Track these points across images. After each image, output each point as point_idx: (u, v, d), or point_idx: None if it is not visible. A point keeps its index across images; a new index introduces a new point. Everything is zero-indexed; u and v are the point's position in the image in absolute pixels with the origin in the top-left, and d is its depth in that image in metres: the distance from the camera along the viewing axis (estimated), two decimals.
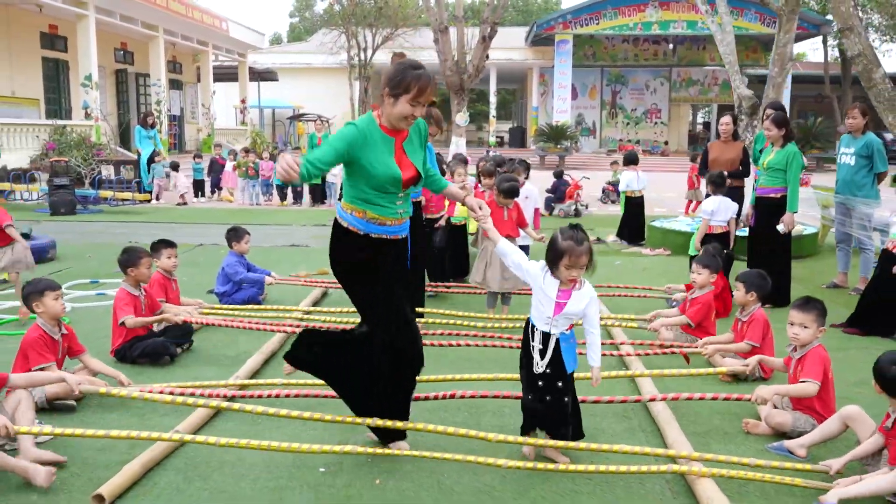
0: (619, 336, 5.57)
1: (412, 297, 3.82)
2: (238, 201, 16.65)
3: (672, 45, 35.04)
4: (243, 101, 30.78)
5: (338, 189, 10.68)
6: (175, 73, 27.80)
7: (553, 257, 3.36)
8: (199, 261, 8.88)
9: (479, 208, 3.52)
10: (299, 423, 3.89)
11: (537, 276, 3.46)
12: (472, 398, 4.13)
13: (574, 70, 33.96)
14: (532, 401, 3.49)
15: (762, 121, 7.28)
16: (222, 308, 6.30)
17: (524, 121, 41.66)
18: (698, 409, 4.24)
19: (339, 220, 3.43)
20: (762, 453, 3.67)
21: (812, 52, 48.56)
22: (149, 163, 16.66)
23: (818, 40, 35.41)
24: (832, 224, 8.28)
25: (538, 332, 3.44)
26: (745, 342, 4.80)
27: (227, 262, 6.75)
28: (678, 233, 9.92)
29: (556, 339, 3.41)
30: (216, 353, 5.31)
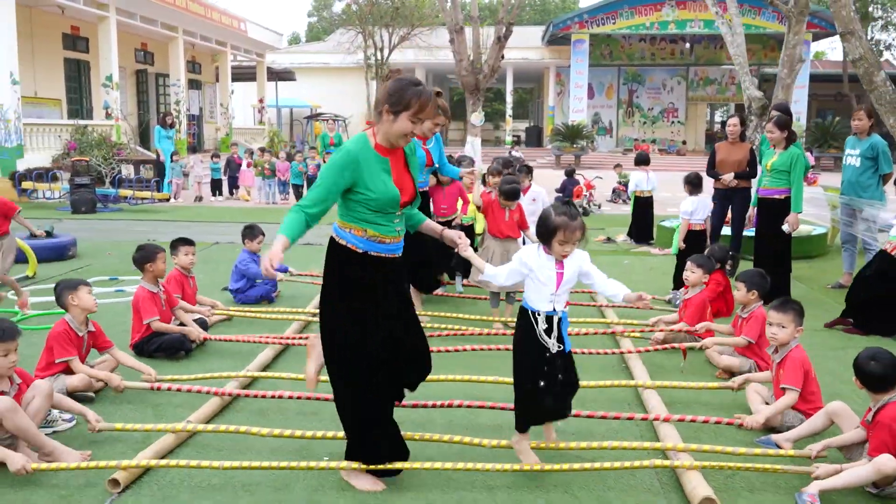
0: (620, 338, 5.68)
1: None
2: (255, 200, 16.89)
3: (689, 44, 34.94)
4: (261, 101, 31.10)
5: None
6: (194, 73, 28.15)
7: (546, 233, 3.37)
8: (216, 258, 9.10)
9: (459, 238, 3.51)
10: (303, 417, 4.07)
11: (532, 257, 3.45)
12: (469, 407, 4.22)
13: (591, 69, 33.97)
14: (547, 386, 3.42)
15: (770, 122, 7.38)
16: (236, 309, 6.47)
17: (541, 120, 41.70)
18: (693, 405, 4.36)
19: (335, 239, 3.30)
20: (751, 447, 3.79)
21: (831, 51, 48.27)
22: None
23: (836, 39, 35.18)
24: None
25: (541, 315, 3.42)
26: (742, 337, 4.92)
27: (241, 259, 6.95)
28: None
29: (559, 319, 3.42)
30: (229, 347, 5.50)
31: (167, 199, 16.21)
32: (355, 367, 3.28)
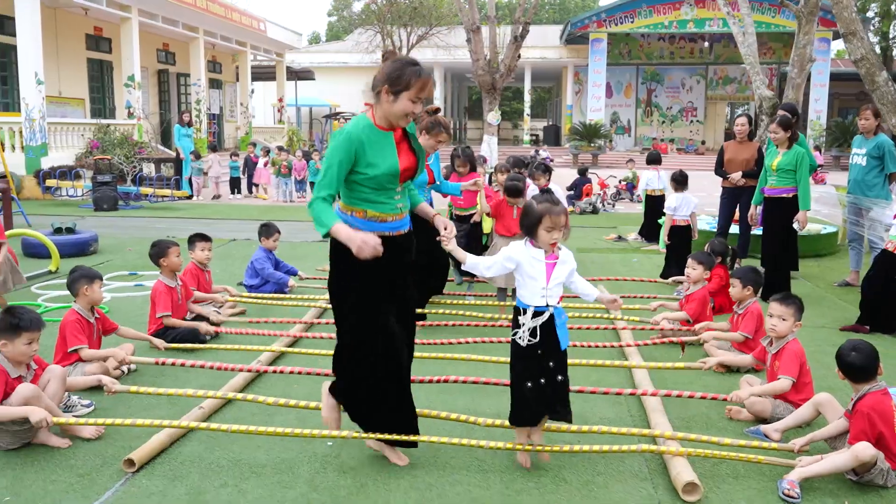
0: (621, 328, 5.81)
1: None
2: (272, 198, 17.15)
3: (708, 42, 34.84)
4: (280, 100, 31.42)
5: None
6: (215, 72, 28.52)
7: (531, 223, 3.38)
8: (233, 254, 9.33)
9: (444, 228, 3.51)
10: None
11: (520, 252, 3.45)
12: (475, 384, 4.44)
13: (609, 68, 33.98)
14: (536, 387, 3.43)
15: None
16: (249, 297, 6.71)
17: (559, 119, 41.74)
18: (683, 388, 4.48)
19: None
20: (740, 437, 3.92)
21: None
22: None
23: None
24: None
25: (530, 310, 3.41)
26: (738, 332, 5.05)
27: (256, 256, 7.15)
28: (698, 231, 10.06)
29: (551, 314, 3.40)
30: (238, 339, 5.70)
31: (188, 197, 16.52)
32: (370, 343, 3.36)
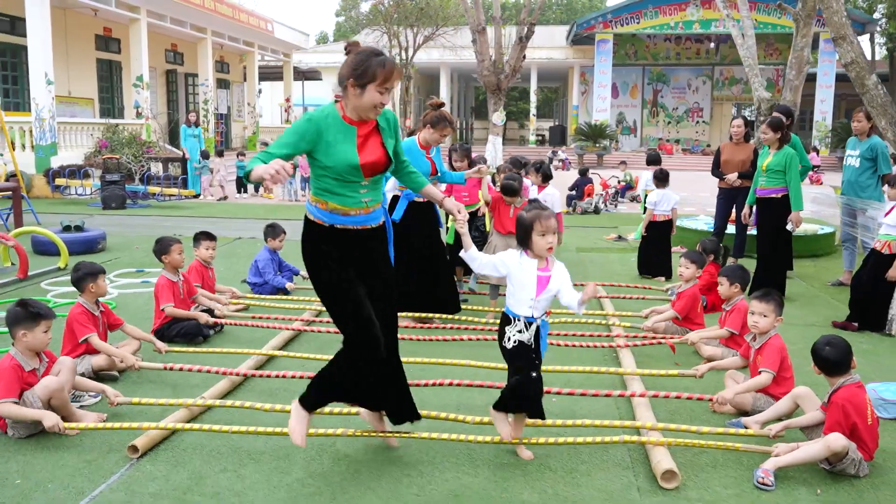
0: (614, 329, 5.95)
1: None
2: (278, 197, 17.33)
3: (714, 43, 34.89)
4: (288, 100, 31.64)
5: None
6: (222, 72, 28.77)
7: (524, 232, 3.46)
8: (238, 252, 9.51)
9: (458, 212, 3.55)
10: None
11: (513, 261, 3.53)
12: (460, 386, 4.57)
13: (615, 68, 34.08)
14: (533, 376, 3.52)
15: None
16: (251, 298, 6.87)
17: (565, 119, 41.84)
18: (671, 390, 4.62)
19: (307, 215, 3.43)
20: (718, 427, 4.06)
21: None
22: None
23: (864, 39, 34.87)
24: None
25: (520, 320, 3.51)
26: (725, 329, 5.19)
27: (261, 256, 7.31)
28: (695, 231, 10.21)
29: (538, 326, 3.51)
30: (243, 335, 5.86)
31: (195, 196, 16.72)
32: (353, 316, 3.36)
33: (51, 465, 3.58)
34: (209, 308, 6.07)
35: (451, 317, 6.07)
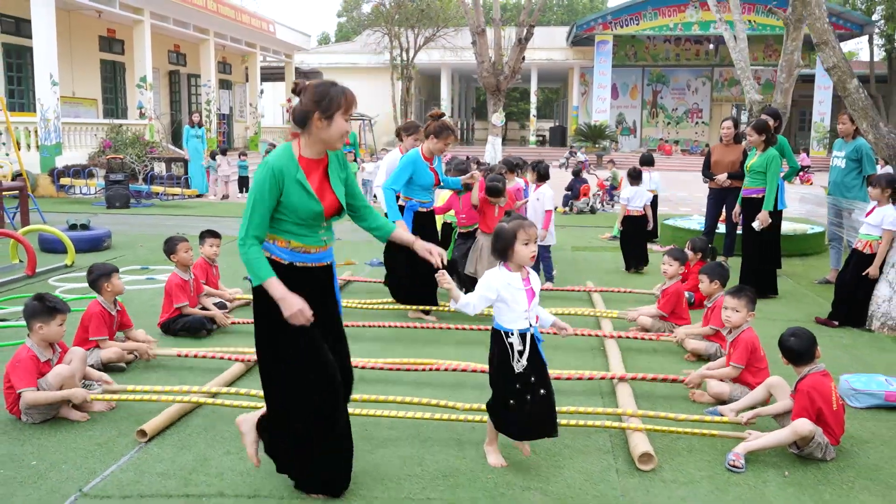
0: (605, 326, 6.16)
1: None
2: None
3: (713, 44, 35.11)
4: (289, 101, 31.82)
5: (373, 187, 11.30)
6: (225, 73, 29.01)
7: (506, 243, 3.41)
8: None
9: (430, 253, 3.49)
10: None
11: (499, 281, 3.45)
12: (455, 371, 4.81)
13: (615, 69, 34.30)
14: (519, 405, 3.45)
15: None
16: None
17: (565, 120, 42.08)
18: (650, 379, 4.83)
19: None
20: (694, 414, 4.27)
21: (862, 52, 47.87)
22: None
23: (864, 40, 35.07)
24: None
25: (516, 334, 3.45)
26: (709, 326, 5.40)
27: None
28: (688, 231, 10.42)
29: (532, 336, 3.49)
30: (244, 328, 6.09)
31: (198, 195, 16.95)
32: (301, 377, 3.23)
33: (64, 448, 3.80)
34: (221, 302, 6.32)
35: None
